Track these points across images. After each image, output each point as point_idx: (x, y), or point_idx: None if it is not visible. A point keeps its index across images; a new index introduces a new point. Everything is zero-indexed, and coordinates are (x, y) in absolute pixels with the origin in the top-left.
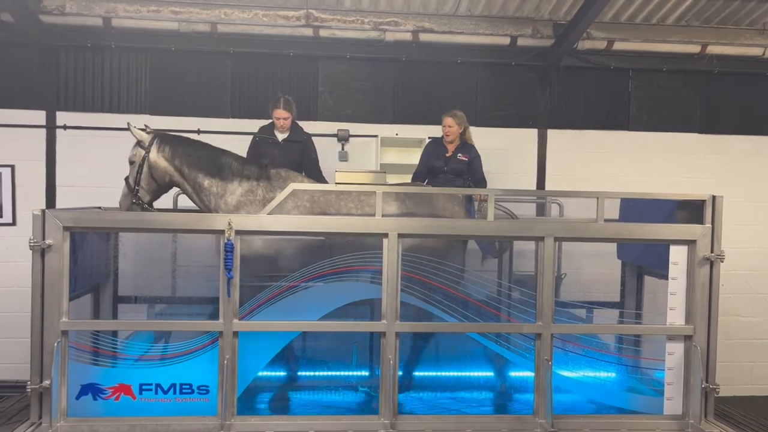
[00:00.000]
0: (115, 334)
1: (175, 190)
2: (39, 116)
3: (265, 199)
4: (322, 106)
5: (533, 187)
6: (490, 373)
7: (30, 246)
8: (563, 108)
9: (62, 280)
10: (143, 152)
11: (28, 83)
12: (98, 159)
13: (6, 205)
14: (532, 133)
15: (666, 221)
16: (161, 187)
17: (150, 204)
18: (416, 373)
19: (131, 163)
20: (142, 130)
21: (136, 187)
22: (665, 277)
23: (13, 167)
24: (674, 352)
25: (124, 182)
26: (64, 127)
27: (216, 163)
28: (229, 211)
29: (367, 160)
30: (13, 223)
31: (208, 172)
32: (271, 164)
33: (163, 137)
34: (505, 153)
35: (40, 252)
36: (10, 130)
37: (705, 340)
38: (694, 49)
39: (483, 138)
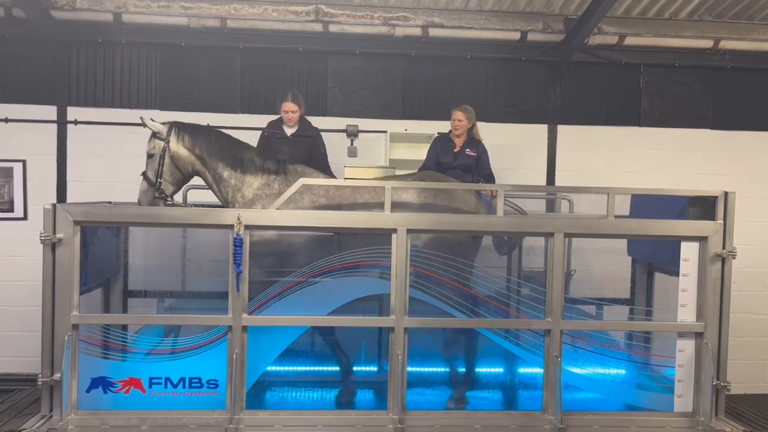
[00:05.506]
0: (125, 328)
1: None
2: (50, 111)
3: (280, 193)
4: (332, 102)
5: (543, 183)
6: (499, 369)
7: (41, 240)
8: (574, 104)
9: (73, 274)
10: (162, 143)
11: (40, 79)
12: (109, 154)
13: (17, 199)
14: (542, 129)
15: (677, 217)
16: (185, 176)
17: (172, 196)
18: (425, 369)
19: (150, 156)
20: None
21: (159, 180)
22: (676, 273)
23: (24, 162)
24: (685, 349)
25: (142, 177)
26: (75, 123)
27: (237, 155)
28: (245, 204)
29: (376, 156)
30: (25, 218)
31: (228, 163)
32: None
33: (180, 126)
34: (515, 149)
35: (51, 246)
36: (21, 125)
37: (716, 338)
38: (707, 44)
39: (493, 134)
